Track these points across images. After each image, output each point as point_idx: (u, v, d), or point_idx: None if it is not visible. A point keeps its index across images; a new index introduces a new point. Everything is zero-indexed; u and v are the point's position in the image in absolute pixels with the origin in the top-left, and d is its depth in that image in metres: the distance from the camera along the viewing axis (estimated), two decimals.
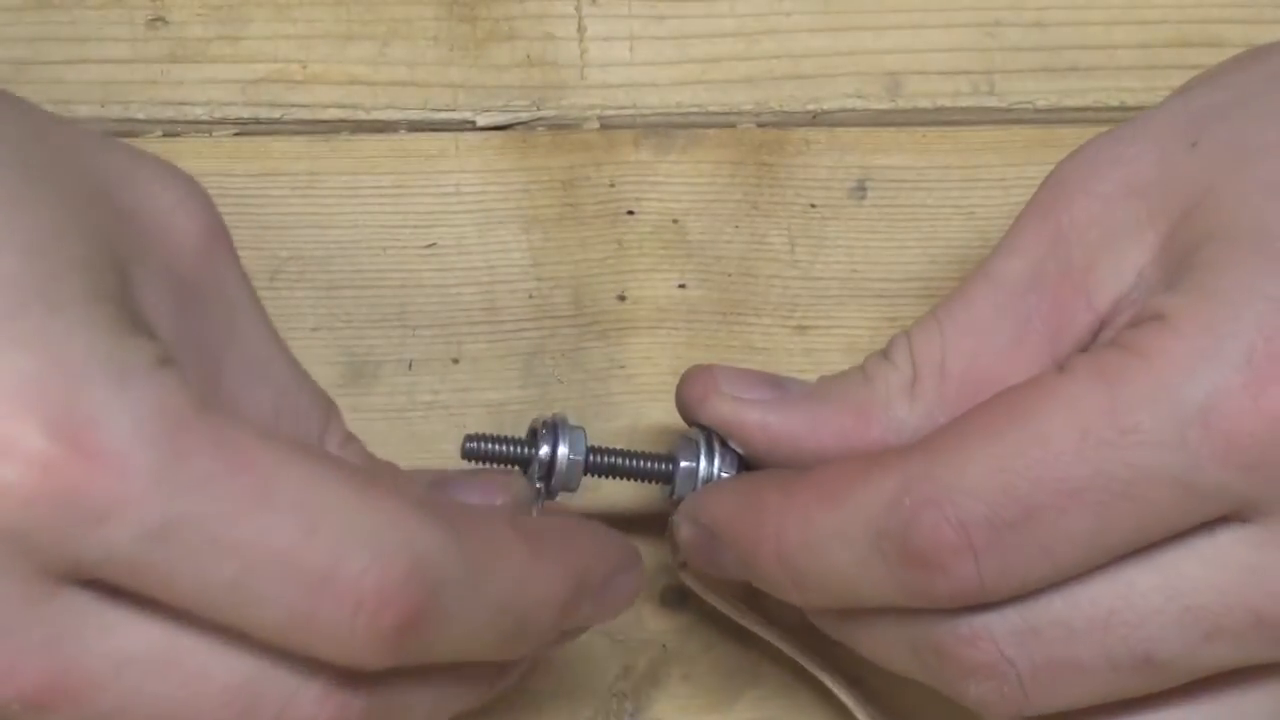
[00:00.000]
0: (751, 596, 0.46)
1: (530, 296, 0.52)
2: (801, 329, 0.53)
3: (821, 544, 0.43)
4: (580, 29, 0.54)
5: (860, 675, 0.49)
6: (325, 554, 0.38)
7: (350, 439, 0.44)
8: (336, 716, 0.40)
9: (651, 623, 0.51)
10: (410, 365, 0.51)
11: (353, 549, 0.38)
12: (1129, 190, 0.43)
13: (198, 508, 0.37)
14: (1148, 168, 0.43)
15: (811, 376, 0.51)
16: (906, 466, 0.42)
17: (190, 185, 0.42)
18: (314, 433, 0.43)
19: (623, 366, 0.52)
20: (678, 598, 0.51)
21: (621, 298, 0.53)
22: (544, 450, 0.46)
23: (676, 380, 0.47)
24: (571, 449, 0.46)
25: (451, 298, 0.52)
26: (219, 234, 0.42)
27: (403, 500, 0.40)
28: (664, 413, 0.52)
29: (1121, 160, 0.44)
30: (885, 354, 0.45)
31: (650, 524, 0.50)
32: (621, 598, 0.45)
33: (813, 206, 0.54)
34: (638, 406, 0.52)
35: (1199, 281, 0.41)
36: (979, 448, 0.41)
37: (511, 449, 0.47)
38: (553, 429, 0.46)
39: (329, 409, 0.44)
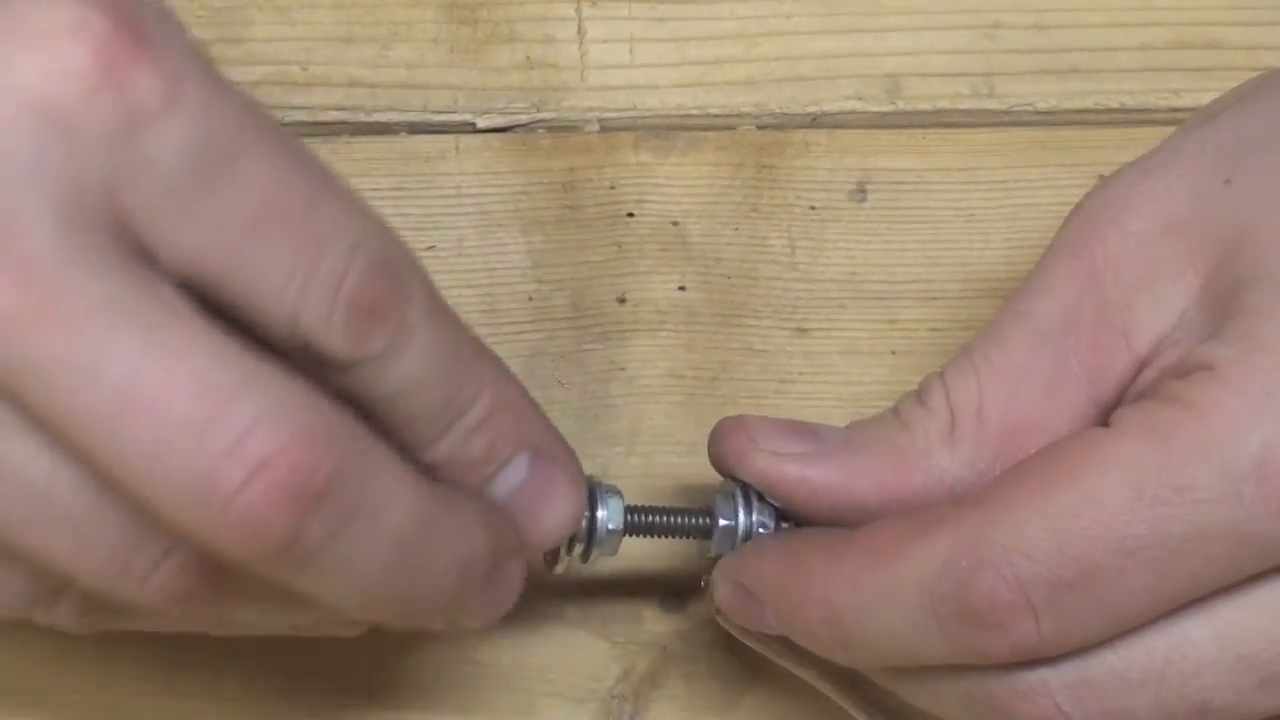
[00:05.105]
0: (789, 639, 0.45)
1: (530, 299, 0.52)
2: (801, 331, 0.53)
3: (871, 606, 0.42)
4: (580, 31, 0.54)
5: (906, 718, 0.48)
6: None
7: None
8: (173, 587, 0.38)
9: (652, 625, 0.51)
10: None
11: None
12: (1165, 228, 0.43)
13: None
14: (1182, 204, 0.43)
15: (811, 379, 0.51)
16: (959, 527, 0.41)
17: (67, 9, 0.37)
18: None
19: (623, 369, 0.52)
20: (678, 600, 0.51)
21: (621, 300, 0.53)
22: (584, 517, 0.45)
23: (676, 382, 0.46)
24: (611, 517, 0.45)
25: (451, 300, 0.51)
26: (123, 41, 0.37)
27: (327, 396, 0.38)
28: (663, 415, 0.52)
29: (1153, 196, 0.43)
30: (920, 398, 0.44)
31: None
32: (509, 587, 0.43)
33: (813, 209, 0.54)
34: (638, 408, 0.52)
35: (1245, 329, 0.41)
36: (1033, 508, 0.41)
37: None
38: (590, 496, 0.45)
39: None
